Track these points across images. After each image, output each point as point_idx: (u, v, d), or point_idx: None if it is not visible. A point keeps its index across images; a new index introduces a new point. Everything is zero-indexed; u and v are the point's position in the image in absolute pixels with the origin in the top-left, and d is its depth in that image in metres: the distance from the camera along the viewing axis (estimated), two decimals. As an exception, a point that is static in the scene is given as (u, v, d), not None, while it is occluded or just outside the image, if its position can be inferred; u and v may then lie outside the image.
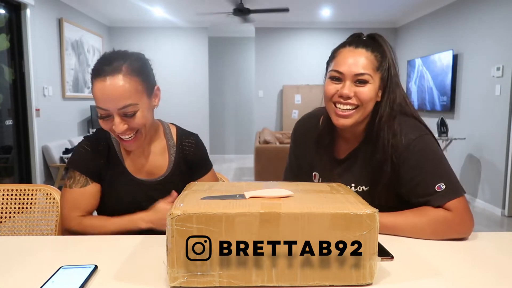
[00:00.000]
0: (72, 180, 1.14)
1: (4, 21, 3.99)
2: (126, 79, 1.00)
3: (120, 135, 1.05)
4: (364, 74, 1.00)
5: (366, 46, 1.03)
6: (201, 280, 0.68)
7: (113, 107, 1.00)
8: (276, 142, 5.10)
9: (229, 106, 7.87)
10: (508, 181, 3.93)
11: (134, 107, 1.02)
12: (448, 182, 0.98)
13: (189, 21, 6.40)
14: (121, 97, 0.99)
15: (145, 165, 1.18)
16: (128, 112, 1.02)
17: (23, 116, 4.20)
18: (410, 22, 6.15)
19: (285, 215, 0.67)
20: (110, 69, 1.00)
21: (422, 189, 0.99)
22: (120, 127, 1.02)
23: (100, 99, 1.00)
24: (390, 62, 1.04)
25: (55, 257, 0.85)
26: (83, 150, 1.15)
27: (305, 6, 5.56)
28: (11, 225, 1.27)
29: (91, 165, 1.14)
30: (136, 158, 1.17)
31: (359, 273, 0.69)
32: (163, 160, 1.20)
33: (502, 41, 3.99)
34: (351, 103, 1.02)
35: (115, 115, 1.01)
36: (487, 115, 4.22)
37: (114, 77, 0.99)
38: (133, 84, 1.01)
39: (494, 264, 0.82)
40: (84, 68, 5.50)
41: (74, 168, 1.14)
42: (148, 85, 1.08)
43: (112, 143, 1.17)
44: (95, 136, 1.18)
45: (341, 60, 1.02)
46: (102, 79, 0.99)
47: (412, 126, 1.05)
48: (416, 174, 1.01)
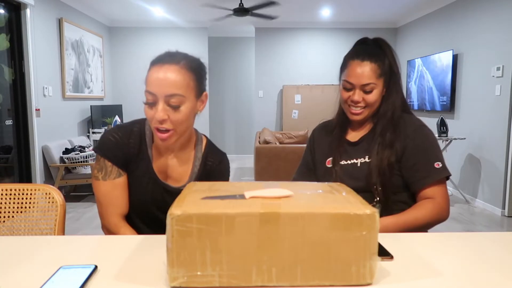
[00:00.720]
0: (104, 171, 1.14)
1: (4, 21, 3.99)
2: (182, 71, 1.05)
3: (158, 126, 1.06)
4: (370, 84, 1.23)
5: (370, 57, 1.24)
6: (201, 280, 0.68)
7: (161, 92, 1.02)
8: (276, 142, 5.10)
9: (229, 106, 7.87)
10: (508, 181, 3.93)
11: (180, 99, 1.04)
12: (442, 163, 1.22)
13: (189, 21, 6.40)
14: (172, 85, 1.03)
15: (168, 170, 1.19)
16: (173, 102, 1.04)
17: (23, 116, 4.21)
18: (410, 22, 6.15)
19: (285, 215, 0.67)
20: (169, 59, 1.06)
21: (423, 164, 1.21)
22: (161, 114, 1.03)
23: (152, 83, 1.03)
24: (392, 62, 1.27)
25: (55, 257, 0.85)
26: (113, 139, 1.14)
27: (305, 6, 5.56)
28: (10, 224, 1.27)
29: (122, 155, 1.14)
30: (163, 161, 1.18)
31: (359, 273, 0.69)
32: (186, 169, 1.21)
33: (502, 41, 3.99)
34: (360, 105, 1.26)
35: (160, 101, 1.03)
36: (487, 115, 4.22)
37: (171, 66, 1.04)
38: (186, 78, 1.05)
39: (494, 264, 0.82)
40: (84, 68, 5.50)
41: (104, 155, 1.14)
42: (199, 87, 1.11)
43: (145, 139, 1.17)
44: (129, 127, 1.18)
45: (351, 72, 1.24)
46: (159, 65, 1.04)
47: (417, 119, 1.29)
48: (419, 152, 1.22)
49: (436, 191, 1.19)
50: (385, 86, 1.27)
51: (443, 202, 1.18)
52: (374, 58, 1.24)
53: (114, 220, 1.14)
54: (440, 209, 1.17)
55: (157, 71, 1.04)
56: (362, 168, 1.25)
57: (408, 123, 1.26)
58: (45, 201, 1.26)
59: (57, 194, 1.27)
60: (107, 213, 1.15)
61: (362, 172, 1.24)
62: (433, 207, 1.16)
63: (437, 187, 1.19)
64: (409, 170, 1.22)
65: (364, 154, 1.28)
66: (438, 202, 1.17)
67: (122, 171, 1.15)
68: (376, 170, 1.21)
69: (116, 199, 1.15)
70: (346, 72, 1.26)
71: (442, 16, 5.17)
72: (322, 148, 1.39)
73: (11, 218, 1.27)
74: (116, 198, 1.15)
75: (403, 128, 1.24)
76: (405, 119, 1.27)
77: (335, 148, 1.33)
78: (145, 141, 1.17)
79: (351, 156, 1.29)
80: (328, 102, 6.55)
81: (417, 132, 1.24)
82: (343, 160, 1.30)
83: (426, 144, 1.23)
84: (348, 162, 1.29)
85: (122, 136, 1.15)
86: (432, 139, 1.25)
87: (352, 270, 0.69)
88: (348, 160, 1.29)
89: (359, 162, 1.27)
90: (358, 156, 1.28)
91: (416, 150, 1.22)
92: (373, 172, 1.21)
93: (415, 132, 1.24)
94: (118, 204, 1.15)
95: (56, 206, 1.25)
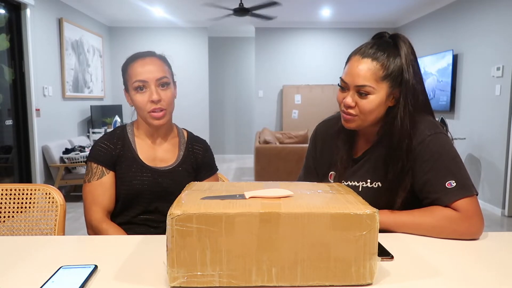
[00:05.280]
0: (90, 174, 1.25)
1: (4, 21, 3.99)
2: (160, 59, 1.27)
3: (153, 107, 1.21)
4: (365, 86, 1.02)
5: (374, 54, 1.03)
6: (201, 280, 0.68)
7: (152, 78, 1.21)
8: (276, 142, 5.10)
9: (229, 106, 7.87)
10: (508, 181, 3.93)
11: (168, 79, 1.25)
12: (459, 181, 0.98)
13: (189, 21, 6.40)
14: (159, 70, 1.23)
15: (156, 155, 1.31)
16: (164, 82, 1.23)
17: (23, 116, 4.20)
18: (410, 22, 6.15)
19: (285, 215, 0.67)
20: (146, 54, 1.27)
21: (433, 184, 1.00)
22: (155, 96, 1.21)
23: (141, 72, 1.22)
24: (405, 65, 1.03)
25: (55, 257, 0.85)
26: (99, 143, 1.29)
27: (305, 6, 5.56)
28: (10, 224, 1.27)
29: (107, 155, 1.26)
30: (148, 148, 1.31)
31: (359, 273, 0.69)
32: (173, 153, 1.34)
33: (502, 41, 3.99)
34: (350, 112, 1.07)
35: (152, 85, 1.21)
36: (487, 115, 4.22)
37: (152, 57, 1.26)
38: (165, 65, 1.28)
39: (494, 264, 0.82)
40: (84, 68, 5.50)
41: (91, 159, 1.27)
42: (172, 74, 1.31)
43: (127, 135, 1.31)
44: (112, 132, 1.33)
45: (347, 69, 1.06)
46: (141, 59, 1.24)
47: (429, 123, 1.06)
48: (428, 170, 1.02)
49: (459, 206, 0.97)
50: (391, 94, 1.05)
51: (465, 218, 0.96)
52: (379, 57, 1.02)
53: (96, 217, 1.21)
54: (459, 223, 0.95)
55: (142, 63, 1.23)
56: (363, 193, 1.11)
57: (417, 134, 1.04)
58: (45, 201, 1.26)
59: (57, 194, 1.27)
60: (91, 210, 1.22)
61: (363, 197, 1.03)
62: (444, 215, 0.97)
63: (459, 202, 0.97)
64: (421, 192, 1.03)
65: (365, 176, 1.12)
66: (460, 216, 0.96)
67: (106, 170, 1.25)
68: (393, 194, 1.06)
69: (98, 197, 1.23)
70: (344, 68, 1.09)
71: (442, 16, 5.17)
72: (324, 157, 1.24)
73: (11, 218, 1.27)
74: (98, 196, 1.23)
75: (411, 140, 1.04)
76: (418, 127, 1.05)
77: (338, 164, 1.17)
78: (127, 137, 1.31)
79: (352, 176, 1.14)
80: (328, 102, 6.55)
81: (424, 145, 1.02)
82: (343, 181, 1.16)
83: (435, 158, 1.01)
84: (349, 184, 1.15)
85: (106, 142, 1.29)
86: (444, 152, 1.02)
87: (352, 270, 0.69)
88: (349, 181, 1.15)
89: (360, 186, 1.13)
90: (359, 179, 1.13)
91: (424, 168, 1.02)
92: (390, 196, 1.06)
93: (421, 145, 1.03)
94: (100, 201, 1.23)
95: (56, 206, 1.25)
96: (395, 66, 1.03)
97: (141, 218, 1.27)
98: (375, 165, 1.11)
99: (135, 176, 1.25)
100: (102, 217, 1.21)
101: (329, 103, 6.53)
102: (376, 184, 1.11)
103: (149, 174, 1.26)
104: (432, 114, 1.12)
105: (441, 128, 1.07)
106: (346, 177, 1.15)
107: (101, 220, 1.20)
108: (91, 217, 1.21)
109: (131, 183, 1.25)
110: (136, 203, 1.26)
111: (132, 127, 1.33)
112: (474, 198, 0.98)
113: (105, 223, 1.20)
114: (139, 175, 1.25)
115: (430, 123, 1.06)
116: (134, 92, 1.23)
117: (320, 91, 6.64)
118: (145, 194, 1.25)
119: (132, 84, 1.23)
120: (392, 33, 1.09)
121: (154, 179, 1.26)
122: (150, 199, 1.26)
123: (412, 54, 1.05)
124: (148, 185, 1.25)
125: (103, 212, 1.22)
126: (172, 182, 1.27)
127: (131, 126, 1.34)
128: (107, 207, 1.24)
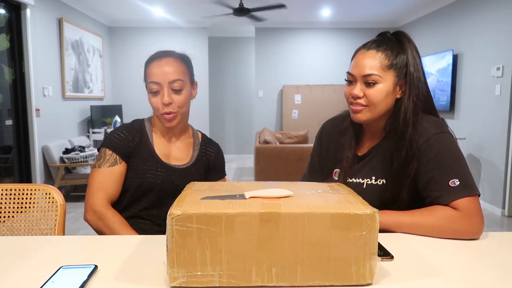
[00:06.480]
0: (102, 159, 1.25)
1: (4, 21, 3.99)
2: (177, 60, 1.27)
3: (165, 110, 1.23)
4: (372, 74, 1.05)
5: (377, 46, 1.07)
6: (201, 280, 0.68)
7: (165, 80, 1.22)
8: (276, 142, 5.10)
9: (229, 106, 7.87)
10: (508, 181, 3.93)
11: (182, 83, 1.24)
12: (463, 180, 1.00)
13: (189, 21, 6.40)
14: (173, 72, 1.23)
15: (171, 153, 1.34)
16: (175, 87, 1.23)
17: (23, 116, 4.20)
18: (410, 22, 6.15)
19: (285, 215, 0.67)
20: (164, 54, 1.28)
21: (437, 182, 1.01)
22: (167, 98, 1.22)
23: (156, 74, 1.23)
24: (410, 58, 1.07)
25: (55, 257, 0.85)
26: (117, 132, 1.29)
27: (305, 6, 5.56)
28: (10, 224, 1.27)
29: (123, 146, 1.27)
30: (164, 145, 1.33)
31: (359, 273, 0.69)
32: (187, 153, 1.37)
33: (502, 41, 3.99)
34: (360, 103, 1.08)
35: (165, 88, 1.23)
36: (487, 115, 4.22)
37: (168, 58, 1.26)
38: (181, 66, 1.27)
39: (494, 264, 0.82)
40: (84, 68, 5.50)
41: (107, 146, 1.26)
42: (191, 74, 1.32)
43: (145, 129, 1.33)
44: (130, 124, 1.34)
45: (354, 63, 1.10)
46: (158, 60, 1.25)
47: (434, 121, 1.09)
48: (432, 168, 1.03)
49: (460, 205, 0.98)
50: (398, 85, 1.08)
51: (466, 217, 0.96)
52: (383, 48, 1.06)
53: (101, 202, 1.21)
54: (460, 223, 0.96)
55: (158, 64, 1.24)
56: (367, 190, 1.12)
57: (421, 132, 1.05)
58: (45, 201, 1.26)
59: (57, 194, 1.27)
60: (96, 194, 1.21)
61: (367, 194, 1.07)
62: (445, 214, 0.98)
63: (460, 201, 0.98)
64: (424, 190, 1.04)
65: (370, 173, 1.13)
66: (461, 215, 0.97)
67: (120, 160, 1.25)
68: (397, 191, 1.07)
69: (106, 184, 1.23)
70: (351, 64, 1.12)
71: (442, 16, 5.17)
72: (329, 155, 1.25)
73: (11, 218, 1.27)
74: (106, 183, 1.23)
75: (416, 138, 1.05)
76: (419, 127, 1.06)
77: (344, 161, 1.17)
78: (145, 131, 1.32)
79: (357, 173, 1.15)
80: (328, 102, 6.54)
81: (430, 143, 1.03)
82: (348, 178, 1.16)
83: (440, 156, 1.02)
84: (354, 181, 1.15)
85: (124, 132, 1.29)
86: (449, 151, 1.03)
87: (352, 270, 0.69)
88: (354, 178, 1.15)
89: (365, 183, 1.13)
90: (364, 176, 1.14)
91: (429, 165, 1.03)
92: (395, 194, 1.07)
93: (427, 143, 1.04)
94: (107, 188, 1.23)
95: (56, 206, 1.25)
96: (400, 58, 1.07)
97: (147, 213, 1.28)
98: (380, 162, 1.12)
99: (150, 170, 1.27)
100: (107, 204, 1.22)
101: (329, 103, 6.53)
102: (381, 182, 1.12)
103: (163, 170, 1.28)
104: (436, 112, 1.13)
105: (446, 127, 1.08)
106: (351, 174, 1.16)
107: (106, 206, 1.21)
108: (95, 201, 1.21)
109: (145, 176, 1.26)
110: (145, 197, 1.27)
111: (150, 122, 1.35)
112: (476, 198, 0.99)
113: (110, 210, 1.21)
114: (154, 170, 1.27)
115: (436, 122, 1.08)
116: (149, 92, 1.26)
117: (320, 91, 6.64)
118: (156, 189, 1.26)
119: (148, 85, 1.26)
120: (395, 31, 1.13)
121: (168, 175, 1.28)
122: (160, 194, 1.27)
123: (416, 51, 1.09)
124: (162, 181, 1.27)
125: (107, 200, 1.23)
126: (184, 181, 1.24)
127: (148, 121, 1.36)
128: (112, 196, 1.25)
